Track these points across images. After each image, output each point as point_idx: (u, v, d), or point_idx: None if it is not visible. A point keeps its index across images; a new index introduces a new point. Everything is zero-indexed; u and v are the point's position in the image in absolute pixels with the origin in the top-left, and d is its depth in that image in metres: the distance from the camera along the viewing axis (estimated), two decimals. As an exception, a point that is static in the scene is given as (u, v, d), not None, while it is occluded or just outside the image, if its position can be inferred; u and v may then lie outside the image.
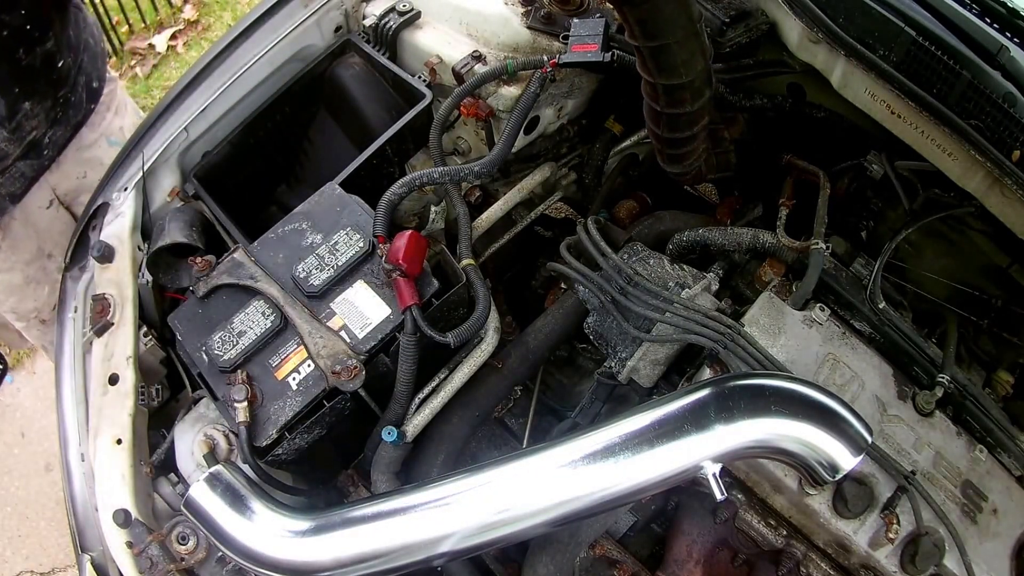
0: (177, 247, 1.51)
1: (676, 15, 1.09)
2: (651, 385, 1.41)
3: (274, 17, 1.68)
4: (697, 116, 1.29)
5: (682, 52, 1.14)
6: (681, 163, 1.43)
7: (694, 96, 1.24)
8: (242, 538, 1.10)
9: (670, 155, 1.41)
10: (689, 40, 1.13)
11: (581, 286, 1.46)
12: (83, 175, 1.99)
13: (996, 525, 1.30)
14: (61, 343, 1.55)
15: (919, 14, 1.24)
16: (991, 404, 1.40)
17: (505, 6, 1.57)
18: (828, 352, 1.33)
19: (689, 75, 1.18)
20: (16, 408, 3.13)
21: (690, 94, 1.23)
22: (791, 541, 1.30)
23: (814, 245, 1.36)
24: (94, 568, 1.33)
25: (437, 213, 1.55)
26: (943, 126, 1.23)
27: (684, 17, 1.09)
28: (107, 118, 1.99)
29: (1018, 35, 1.25)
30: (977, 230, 1.54)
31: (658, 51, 1.14)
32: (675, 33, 1.11)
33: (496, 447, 1.59)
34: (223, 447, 1.35)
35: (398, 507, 1.09)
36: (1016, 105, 1.14)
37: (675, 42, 1.12)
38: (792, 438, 1.06)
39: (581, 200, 1.82)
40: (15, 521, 2.88)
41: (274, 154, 1.74)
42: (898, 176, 1.51)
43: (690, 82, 1.20)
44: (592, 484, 1.05)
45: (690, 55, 1.15)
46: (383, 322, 1.28)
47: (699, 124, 1.32)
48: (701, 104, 1.26)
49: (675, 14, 1.08)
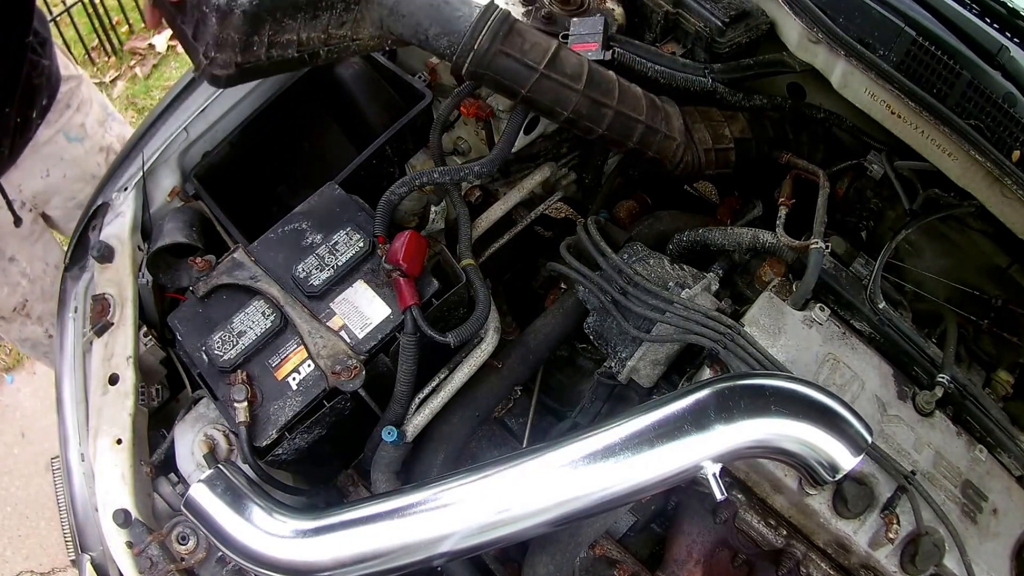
0: (177, 247, 1.51)
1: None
2: (651, 385, 1.41)
3: (274, 17, 1.68)
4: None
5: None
6: (667, 163, 1.47)
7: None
8: (242, 538, 1.10)
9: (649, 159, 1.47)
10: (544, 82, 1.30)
11: (581, 286, 1.46)
12: (45, 173, 1.97)
13: (996, 525, 1.30)
14: (61, 343, 1.55)
15: (919, 14, 1.24)
16: (991, 404, 1.40)
17: (505, 6, 1.57)
18: (828, 352, 1.33)
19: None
20: (16, 408, 3.13)
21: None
22: (791, 541, 1.30)
23: (814, 245, 1.36)
24: (94, 568, 1.33)
25: (437, 213, 1.55)
26: (943, 126, 1.23)
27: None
28: (66, 115, 1.97)
29: (1018, 35, 1.25)
30: (977, 230, 1.54)
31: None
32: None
33: (496, 447, 1.59)
34: (223, 447, 1.35)
35: (398, 507, 1.09)
36: (1016, 105, 1.14)
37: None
38: (792, 438, 1.06)
39: (581, 200, 1.82)
40: (15, 521, 2.88)
41: (274, 154, 1.74)
42: (898, 176, 1.51)
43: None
44: (592, 484, 1.05)
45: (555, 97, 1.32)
46: (383, 322, 1.28)
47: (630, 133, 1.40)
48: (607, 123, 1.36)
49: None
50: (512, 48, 1.29)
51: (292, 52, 1.23)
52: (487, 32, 1.25)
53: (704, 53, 1.57)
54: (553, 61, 1.31)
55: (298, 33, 1.22)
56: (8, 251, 1.98)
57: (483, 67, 1.28)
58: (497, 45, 1.26)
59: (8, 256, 1.99)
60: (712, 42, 1.54)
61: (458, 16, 1.25)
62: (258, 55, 1.21)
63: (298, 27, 1.21)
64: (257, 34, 1.19)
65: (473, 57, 1.26)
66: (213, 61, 1.20)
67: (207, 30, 1.19)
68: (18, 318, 2.08)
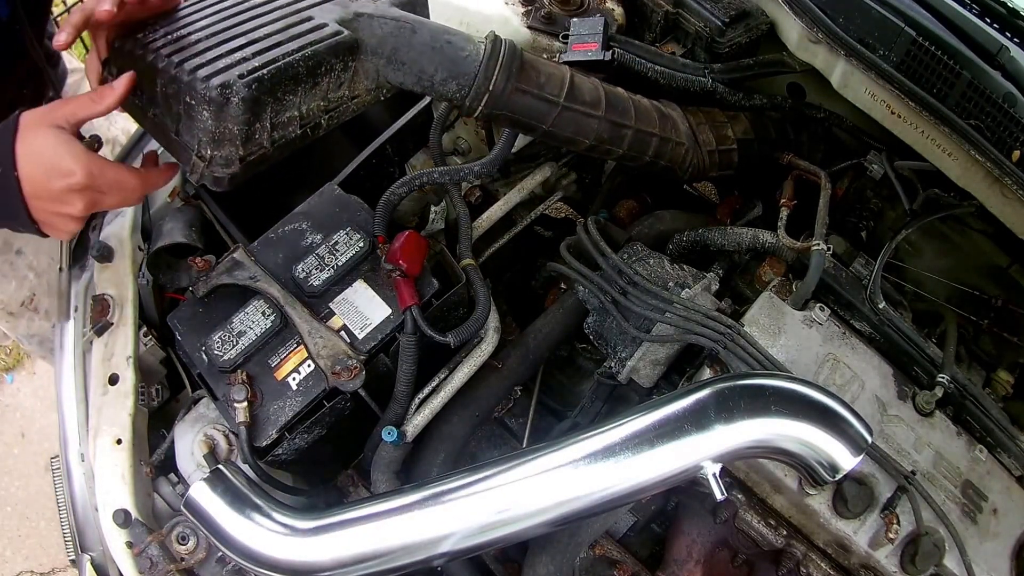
0: (177, 247, 1.51)
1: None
2: (651, 385, 1.41)
3: (274, 17, 1.67)
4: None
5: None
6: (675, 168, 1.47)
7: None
8: (242, 538, 1.10)
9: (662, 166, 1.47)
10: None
11: (581, 286, 1.46)
12: None
13: (996, 525, 1.30)
14: (61, 343, 1.55)
15: (919, 14, 1.24)
16: (991, 404, 1.40)
17: (505, 6, 1.57)
18: (828, 352, 1.33)
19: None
20: (16, 408, 3.13)
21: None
22: (791, 541, 1.30)
23: (815, 245, 1.36)
24: (94, 568, 1.33)
25: (437, 213, 1.55)
26: (943, 126, 1.23)
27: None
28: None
29: (1018, 35, 1.26)
30: (977, 230, 1.54)
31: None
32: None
33: (496, 447, 1.59)
34: (223, 447, 1.35)
35: (398, 507, 1.09)
36: (1016, 105, 1.14)
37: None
38: (792, 438, 1.06)
39: (581, 200, 1.82)
40: (15, 521, 2.88)
41: (274, 154, 1.74)
42: (898, 176, 1.51)
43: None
44: (592, 484, 1.05)
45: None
46: (383, 322, 1.28)
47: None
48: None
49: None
50: (528, 84, 1.21)
51: (295, 130, 1.09)
52: (500, 70, 1.16)
53: (704, 53, 1.57)
54: (572, 91, 1.25)
55: (299, 108, 1.08)
56: (15, 243, 1.99)
57: (500, 107, 1.19)
58: (513, 83, 1.18)
59: (15, 249, 1.99)
60: (712, 42, 1.54)
61: (464, 56, 1.15)
62: (261, 143, 1.06)
63: (299, 101, 1.08)
64: (259, 121, 1.04)
65: (488, 99, 1.17)
66: (212, 161, 1.04)
67: (198, 126, 1.02)
68: (26, 313, 2.08)
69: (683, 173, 1.49)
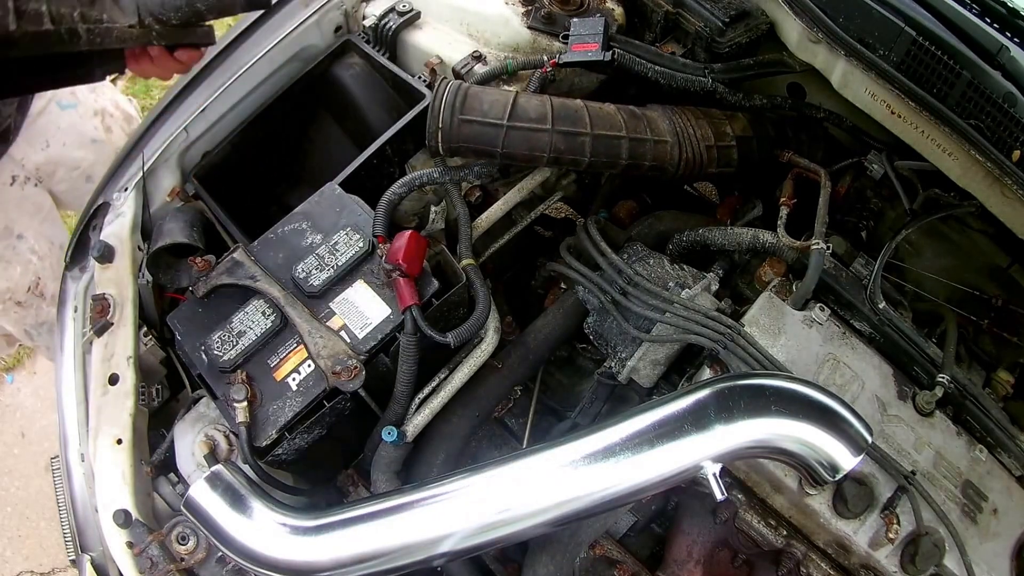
0: (177, 247, 1.51)
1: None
2: (651, 385, 1.41)
3: (274, 17, 1.68)
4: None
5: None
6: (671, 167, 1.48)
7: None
8: (242, 538, 1.10)
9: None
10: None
11: (581, 286, 1.46)
12: (45, 144, 1.98)
13: (996, 525, 1.30)
14: (61, 343, 1.55)
15: (919, 14, 1.24)
16: (991, 404, 1.40)
17: (505, 6, 1.57)
18: (828, 352, 1.33)
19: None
20: (16, 408, 3.13)
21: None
22: (791, 541, 1.30)
23: (815, 245, 1.36)
24: (94, 568, 1.33)
25: (437, 213, 1.55)
26: (943, 126, 1.23)
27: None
28: None
29: (1018, 35, 1.25)
30: (977, 230, 1.54)
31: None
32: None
33: (496, 447, 1.59)
34: (223, 447, 1.35)
35: (398, 507, 1.09)
36: (1016, 105, 1.14)
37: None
38: (792, 438, 1.06)
39: (581, 200, 1.82)
40: (15, 521, 2.88)
41: (274, 154, 1.74)
42: (898, 176, 1.51)
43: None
44: (592, 484, 1.05)
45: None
46: (383, 322, 1.28)
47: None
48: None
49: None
50: (473, 114, 1.34)
51: (47, 24, 1.14)
52: (444, 108, 1.31)
53: (704, 53, 1.57)
54: (515, 111, 1.34)
55: (47, 3, 1.13)
56: (16, 228, 1.99)
57: (454, 140, 1.33)
58: (458, 116, 1.32)
59: (16, 234, 2.00)
60: (712, 42, 1.54)
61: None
62: (6, 25, 1.12)
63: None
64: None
65: (442, 135, 1.32)
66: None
67: None
68: (34, 301, 2.08)
69: (675, 169, 1.48)
